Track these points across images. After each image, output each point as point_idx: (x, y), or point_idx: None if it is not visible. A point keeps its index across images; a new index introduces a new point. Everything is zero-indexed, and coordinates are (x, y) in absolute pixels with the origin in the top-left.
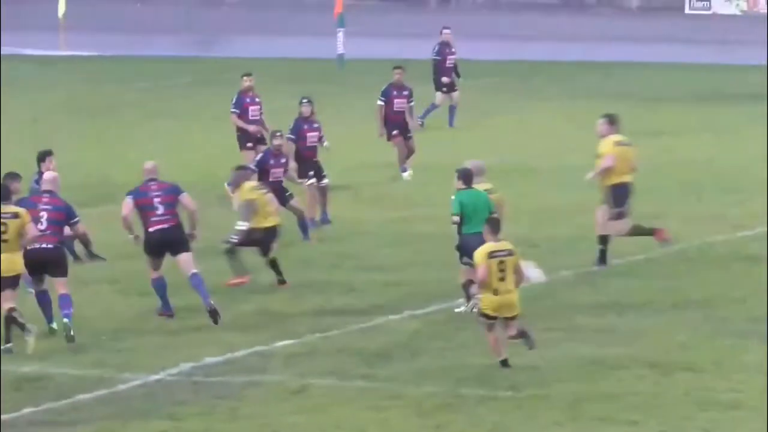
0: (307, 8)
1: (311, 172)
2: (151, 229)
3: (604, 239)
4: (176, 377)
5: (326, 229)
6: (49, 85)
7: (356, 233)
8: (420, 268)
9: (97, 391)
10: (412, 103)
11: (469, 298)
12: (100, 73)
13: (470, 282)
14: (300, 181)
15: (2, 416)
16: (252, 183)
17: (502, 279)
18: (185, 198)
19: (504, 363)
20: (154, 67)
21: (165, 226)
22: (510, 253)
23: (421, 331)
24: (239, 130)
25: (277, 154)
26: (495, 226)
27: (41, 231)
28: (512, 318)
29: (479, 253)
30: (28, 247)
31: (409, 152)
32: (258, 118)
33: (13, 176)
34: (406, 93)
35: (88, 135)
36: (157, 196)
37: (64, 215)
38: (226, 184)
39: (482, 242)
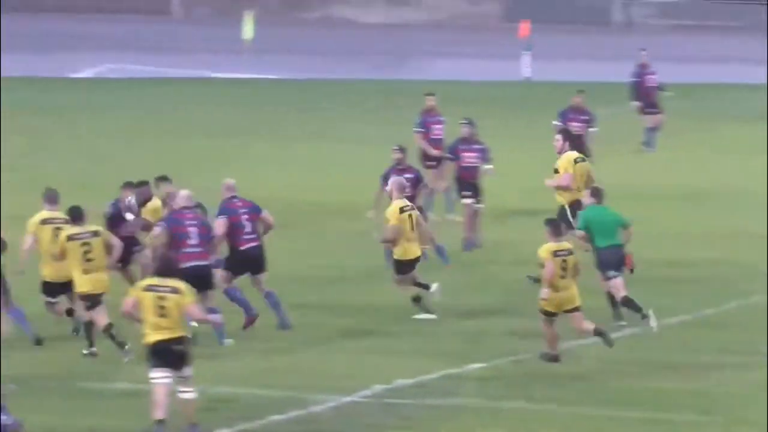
0: (494, 31)
1: (468, 192)
2: (242, 248)
3: None
4: (368, 399)
5: (506, 252)
6: (231, 107)
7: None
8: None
9: (290, 411)
10: (593, 128)
11: (638, 309)
12: (283, 95)
13: (627, 298)
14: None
15: None
16: (156, 203)
17: (563, 276)
18: (266, 214)
19: (555, 358)
20: (338, 90)
21: (254, 244)
22: (570, 253)
23: (610, 355)
24: (421, 148)
25: (401, 169)
26: (556, 227)
27: (192, 246)
28: (575, 309)
29: (544, 251)
30: (185, 266)
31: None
32: (441, 136)
33: (151, 182)
34: (584, 117)
35: (270, 157)
36: (244, 214)
37: (208, 230)
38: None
39: (618, 254)
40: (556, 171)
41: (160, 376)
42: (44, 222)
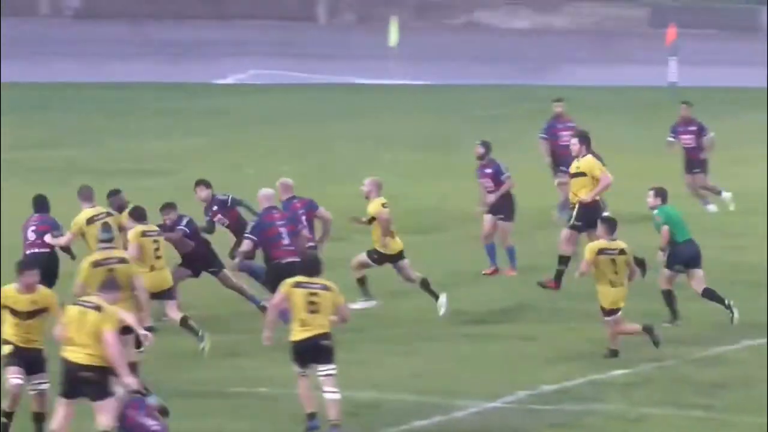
0: (640, 36)
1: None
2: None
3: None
4: (512, 405)
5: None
6: (380, 114)
7: None
8: (752, 299)
9: (434, 417)
10: (707, 136)
11: (721, 300)
12: (430, 102)
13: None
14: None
15: None
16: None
17: (615, 272)
18: (322, 211)
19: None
20: (482, 95)
21: (310, 243)
22: (622, 252)
23: (757, 361)
24: (550, 155)
25: (484, 164)
26: (611, 226)
27: (286, 245)
28: (617, 310)
29: (589, 249)
30: (283, 262)
31: (700, 186)
32: (569, 143)
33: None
34: (692, 128)
35: (416, 164)
36: (303, 214)
37: (295, 226)
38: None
39: (694, 249)
40: (576, 175)
41: (301, 372)
42: (90, 220)
